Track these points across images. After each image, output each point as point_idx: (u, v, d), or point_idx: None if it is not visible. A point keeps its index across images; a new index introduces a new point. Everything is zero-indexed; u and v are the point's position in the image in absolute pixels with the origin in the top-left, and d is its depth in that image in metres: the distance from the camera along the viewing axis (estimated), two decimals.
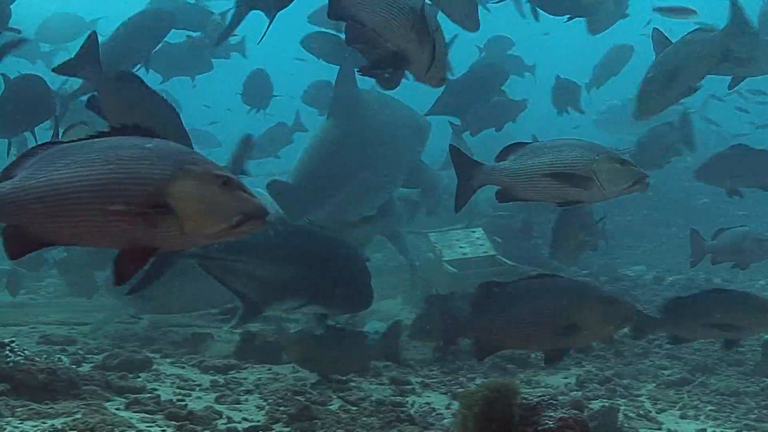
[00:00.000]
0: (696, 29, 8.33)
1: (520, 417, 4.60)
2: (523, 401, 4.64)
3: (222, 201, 3.64)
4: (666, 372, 8.47)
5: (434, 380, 8.02)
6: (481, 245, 11.66)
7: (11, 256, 3.67)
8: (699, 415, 7.21)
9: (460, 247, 11.70)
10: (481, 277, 11.12)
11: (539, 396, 4.68)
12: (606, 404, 6.90)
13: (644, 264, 15.05)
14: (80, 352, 8.51)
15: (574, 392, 7.66)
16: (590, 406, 7.00)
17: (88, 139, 3.71)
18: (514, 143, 5.94)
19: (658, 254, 16.05)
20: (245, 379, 7.86)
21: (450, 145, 6.77)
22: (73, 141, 3.71)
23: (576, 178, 5.58)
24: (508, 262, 11.29)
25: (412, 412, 6.91)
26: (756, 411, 7.35)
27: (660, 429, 6.79)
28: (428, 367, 8.54)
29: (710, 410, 7.34)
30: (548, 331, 6.15)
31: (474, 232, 11.95)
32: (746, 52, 8.37)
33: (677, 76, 8.05)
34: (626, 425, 6.75)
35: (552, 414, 4.58)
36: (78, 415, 5.39)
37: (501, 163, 5.85)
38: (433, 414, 6.97)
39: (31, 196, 3.56)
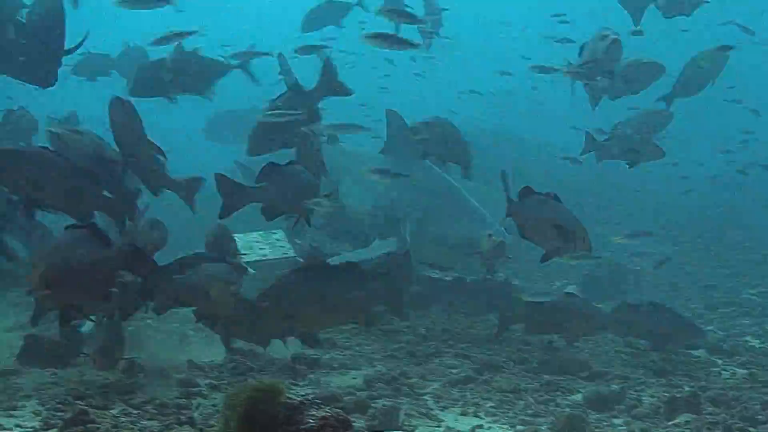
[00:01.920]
0: None
1: (284, 417, 4.82)
2: (287, 401, 4.87)
3: None
4: (454, 371, 8.92)
5: (223, 382, 8.13)
6: (281, 247, 11.87)
7: None
8: (479, 412, 7.67)
9: (260, 249, 11.87)
10: None
11: (303, 396, 4.92)
12: (388, 403, 7.24)
13: None
14: None
15: (361, 392, 7.95)
16: (373, 405, 7.30)
17: None
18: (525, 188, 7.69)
19: None
20: (25, 384, 7.74)
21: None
22: None
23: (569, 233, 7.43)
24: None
25: (195, 414, 7.01)
26: (533, 407, 7.87)
27: (439, 426, 7.17)
28: (218, 369, 8.65)
29: (490, 407, 7.82)
30: None
31: (274, 233, 12.14)
32: None
33: None
34: (407, 423, 7.10)
35: (315, 413, 4.84)
36: None
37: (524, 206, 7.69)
38: (217, 416, 7.08)
39: None
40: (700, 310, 13.14)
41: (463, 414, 7.64)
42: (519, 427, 7.19)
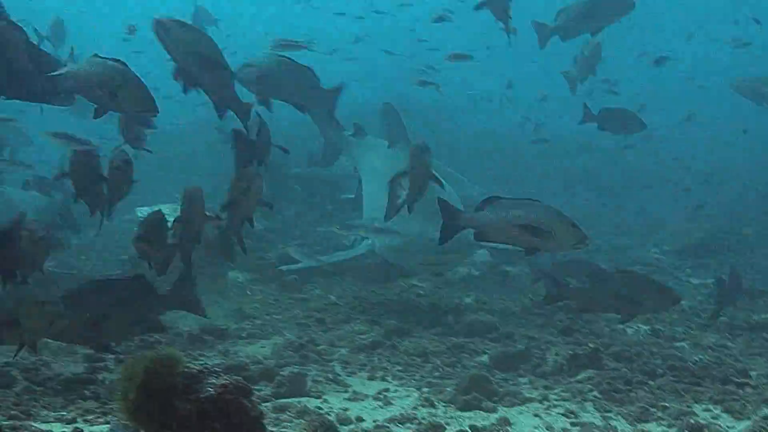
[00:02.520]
0: None
1: (183, 386, 4.86)
2: (186, 370, 4.90)
3: None
4: (363, 337, 9.03)
5: (130, 356, 8.09)
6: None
7: None
8: (386, 376, 7.79)
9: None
10: None
11: (202, 365, 4.95)
12: (296, 371, 7.32)
13: None
14: None
15: (268, 360, 8.01)
16: (281, 373, 7.37)
17: None
18: (490, 197, 7.69)
19: None
20: None
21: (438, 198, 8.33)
22: None
23: (540, 231, 7.40)
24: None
25: (100, 389, 6.99)
26: (440, 369, 8.02)
27: (346, 391, 7.27)
28: (125, 343, 8.61)
29: (398, 371, 7.95)
30: None
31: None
32: None
33: None
34: (314, 390, 7.18)
35: (214, 381, 4.89)
36: None
37: (480, 213, 7.67)
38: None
39: None
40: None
41: (371, 378, 7.76)
42: (425, 389, 7.33)
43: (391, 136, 11.80)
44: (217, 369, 5.00)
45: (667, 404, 6.92)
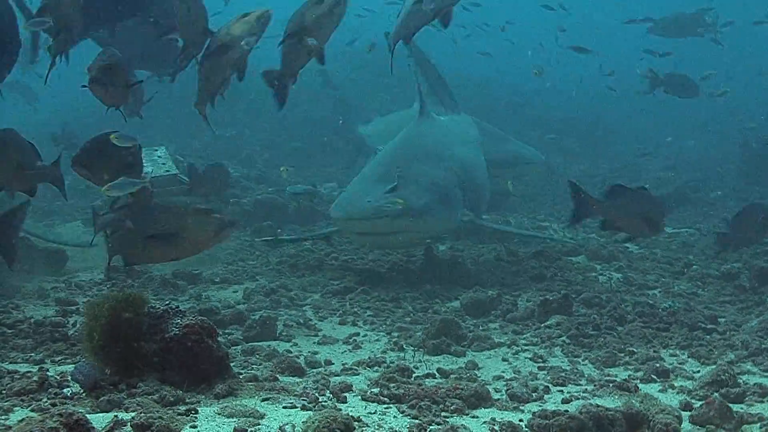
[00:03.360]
0: None
1: (148, 326, 4.90)
2: (151, 311, 4.94)
3: None
4: (335, 282, 9.08)
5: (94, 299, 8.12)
6: (163, 164, 11.73)
7: None
8: (357, 321, 7.85)
9: (163, 163, 11.72)
10: (163, 196, 11.33)
11: (166, 304, 4.99)
12: (266, 314, 7.37)
13: None
14: None
15: (240, 305, 8.06)
16: (252, 317, 7.42)
17: None
18: (614, 187, 8.01)
19: None
20: None
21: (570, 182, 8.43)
22: None
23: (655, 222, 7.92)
24: (186, 180, 11.45)
25: (71, 332, 7.01)
26: (412, 315, 8.08)
27: (317, 335, 7.32)
28: (98, 287, 8.65)
29: (369, 315, 8.01)
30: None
31: (156, 150, 11.98)
32: None
33: None
34: (284, 334, 7.24)
35: (179, 321, 4.95)
36: None
37: (609, 204, 7.90)
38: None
39: None
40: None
41: (342, 323, 7.82)
42: (394, 334, 7.39)
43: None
44: (182, 310, 5.04)
45: (634, 350, 7.00)
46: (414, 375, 6.01)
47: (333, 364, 6.42)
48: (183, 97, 11.59)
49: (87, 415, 4.00)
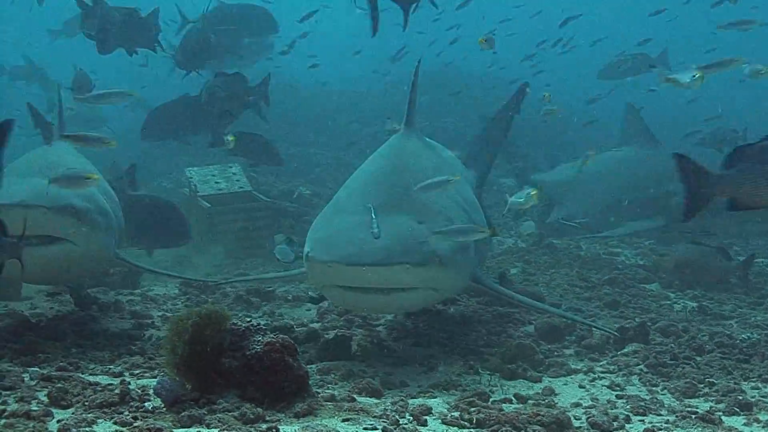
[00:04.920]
0: None
1: (230, 342, 4.90)
2: (233, 327, 4.93)
3: None
4: None
5: (177, 314, 8.17)
6: (237, 181, 11.87)
7: None
8: (431, 342, 7.75)
9: (216, 182, 11.86)
10: (236, 212, 11.44)
11: (248, 322, 4.98)
12: (341, 334, 7.34)
13: None
14: None
15: (315, 323, 8.05)
16: (326, 336, 7.40)
17: None
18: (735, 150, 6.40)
19: None
20: None
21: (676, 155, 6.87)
22: None
23: None
24: (264, 198, 11.58)
25: (146, 345, 7.07)
26: (485, 337, 7.97)
27: (390, 357, 7.26)
28: (172, 301, 8.72)
29: (442, 338, 7.91)
30: None
31: (231, 167, 12.13)
32: None
33: None
34: (359, 353, 7.18)
35: (260, 339, 4.93)
36: None
37: (731, 174, 6.30)
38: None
39: None
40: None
41: (416, 345, 7.74)
42: (469, 357, 7.29)
43: (625, 135, 12.11)
44: (263, 327, 5.03)
45: (714, 381, 6.82)
46: (491, 399, 5.92)
47: (409, 386, 6.36)
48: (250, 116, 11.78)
49: (171, 431, 4.00)
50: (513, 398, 6.06)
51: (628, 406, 5.97)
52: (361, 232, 6.58)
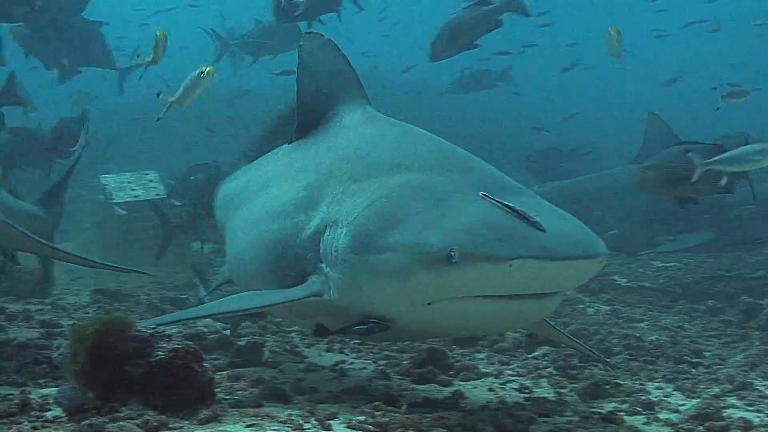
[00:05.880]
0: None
1: (134, 349, 4.86)
2: (138, 334, 4.90)
3: None
4: None
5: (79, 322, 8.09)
6: (153, 188, 11.78)
7: None
8: (344, 349, 7.81)
9: (132, 189, 11.76)
10: (152, 219, 11.36)
11: (152, 328, 4.95)
12: (253, 340, 7.34)
13: None
14: None
15: (227, 330, 8.02)
16: (238, 343, 7.39)
17: None
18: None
19: None
20: None
21: None
22: None
23: None
24: (179, 203, 11.51)
25: (54, 354, 6.97)
26: (399, 343, 8.03)
27: (302, 362, 7.29)
28: (83, 310, 8.63)
29: (355, 343, 7.95)
30: None
31: (147, 174, 12.04)
32: None
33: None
34: (272, 359, 7.20)
35: (165, 345, 4.89)
36: None
37: None
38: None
39: None
40: None
41: (329, 350, 7.79)
42: (381, 362, 7.36)
43: (646, 146, 12.09)
44: (168, 334, 5.01)
45: (620, 381, 6.98)
46: (400, 403, 5.98)
47: (319, 391, 6.38)
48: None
49: None
50: (421, 402, 6.12)
51: (534, 408, 6.09)
52: (515, 221, 4.83)
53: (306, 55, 6.38)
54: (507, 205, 4.86)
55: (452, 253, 4.71)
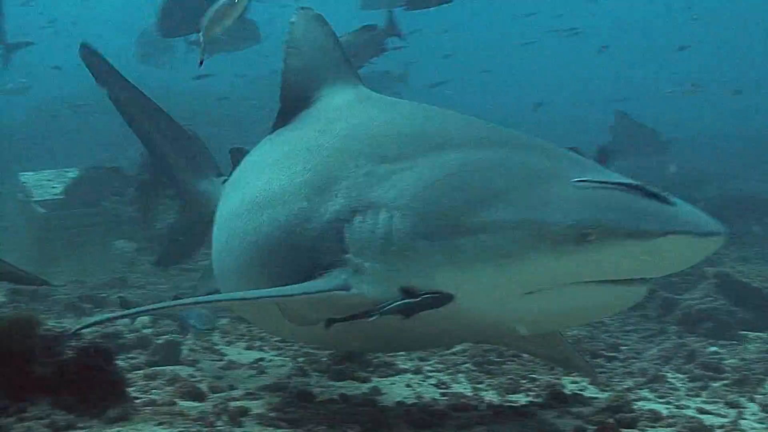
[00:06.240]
0: None
1: (41, 348, 4.82)
2: (45, 333, 4.87)
3: None
4: None
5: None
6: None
7: None
8: (264, 346, 7.80)
9: (52, 187, 11.61)
10: (73, 218, 11.22)
11: (62, 328, 4.92)
12: (171, 338, 7.30)
13: None
14: None
15: (147, 329, 7.98)
16: (157, 341, 7.35)
17: None
18: None
19: None
20: None
21: None
22: None
23: None
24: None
25: None
26: None
27: (222, 360, 7.27)
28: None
29: (276, 341, 7.95)
30: None
31: (68, 171, 11.89)
32: None
33: None
34: (189, 357, 7.17)
35: (74, 344, 4.86)
36: None
37: None
38: None
39: None
40: None
41: (248, 348, 7.79)
42: (300, 359, 7.37)
43: (616, 142, 12.07)
44: (77, 333, 4.97)
45: (536, 376, 7.09)
46: (316, 400, 6.00)
47: (236, 389, 6.37)
48: None
49: None
50: (338, 398, 6.15)
51: (449, 403, 6.16)
52: (640, 197, 4.23)
53: (295, 33, 5.88)
54: (625, 182, 4.29)
55: (587, 231, 4.10)
